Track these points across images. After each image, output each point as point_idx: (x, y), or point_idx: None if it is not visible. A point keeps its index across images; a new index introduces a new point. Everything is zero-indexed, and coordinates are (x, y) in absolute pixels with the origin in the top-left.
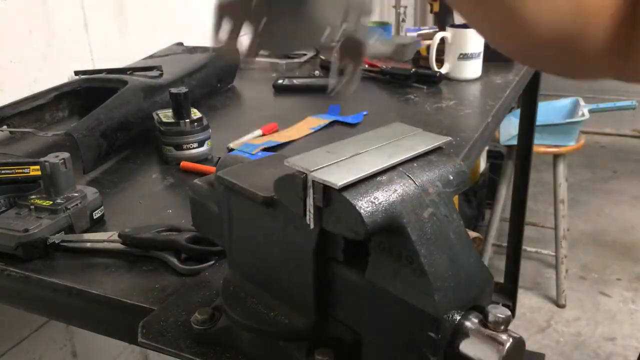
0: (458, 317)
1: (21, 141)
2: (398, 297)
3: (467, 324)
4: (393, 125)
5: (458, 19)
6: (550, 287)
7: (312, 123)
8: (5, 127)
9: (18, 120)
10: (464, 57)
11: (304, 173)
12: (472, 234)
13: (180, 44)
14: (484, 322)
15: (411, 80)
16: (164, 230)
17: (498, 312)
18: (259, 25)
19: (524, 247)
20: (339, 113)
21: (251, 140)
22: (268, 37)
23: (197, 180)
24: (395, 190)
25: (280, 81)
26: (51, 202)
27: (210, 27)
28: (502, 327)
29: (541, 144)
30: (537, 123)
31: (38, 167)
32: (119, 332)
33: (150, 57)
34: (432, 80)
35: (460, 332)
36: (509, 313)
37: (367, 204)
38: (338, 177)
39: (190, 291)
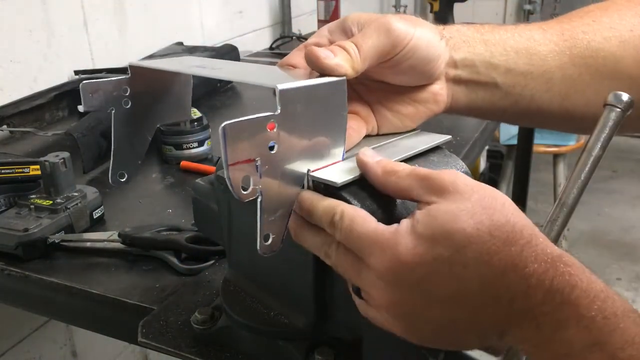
0: None
1: (21, 141)
2: None
3: None
4: None
5: (457, 18)
6: None
7: None
8: (5, 126)
9: (18, 120)
10: None
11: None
12: None
13: (180, 43)
14: None
15: None
16: (164, 230)
17: None
18: None
19: None
20: None
21: None
22: None
23: (199, 180)
24: None
25: None
26: (51, 202)
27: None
28: None
29: (541, 144)
30: None
31: (38, 166)
32: (119, 332)
33: (150, 57)
34: None
35: None
36: None
37: (367, 204)
38: (338, 176)
39: (190, 291)
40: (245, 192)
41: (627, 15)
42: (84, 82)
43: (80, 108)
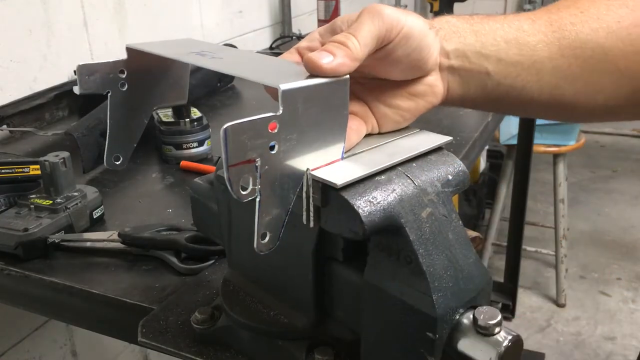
0: (456, 317)
1: (21, 140)
2: (396, 297)
3: (466, 323)
4: None
5: None
6: (550, 286)
7: None
8: (5, 126)
9: (18, 120)
10: None
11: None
12: (472, 233)
13: None
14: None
15: None
16: (163, 230)
17: (488, 315)
18: None
19: (523, 246)
20: None
21: None
22: None
23: (197, 179)
24: (394, 190)
25: None
26: (51, 202)
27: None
28: (496, 330)
29: (541, 144)
30: (537, 122)
31: (38, 166)
32: (119, 332)
33: None
34: None
35: (459, 332)
36: (499, 317)
37: (365, 203)
38: (338, 176)
39: (190, 290)
40: (244, 192)
41: (615, 5)
42: (80, 64)
43: (76, 89)
